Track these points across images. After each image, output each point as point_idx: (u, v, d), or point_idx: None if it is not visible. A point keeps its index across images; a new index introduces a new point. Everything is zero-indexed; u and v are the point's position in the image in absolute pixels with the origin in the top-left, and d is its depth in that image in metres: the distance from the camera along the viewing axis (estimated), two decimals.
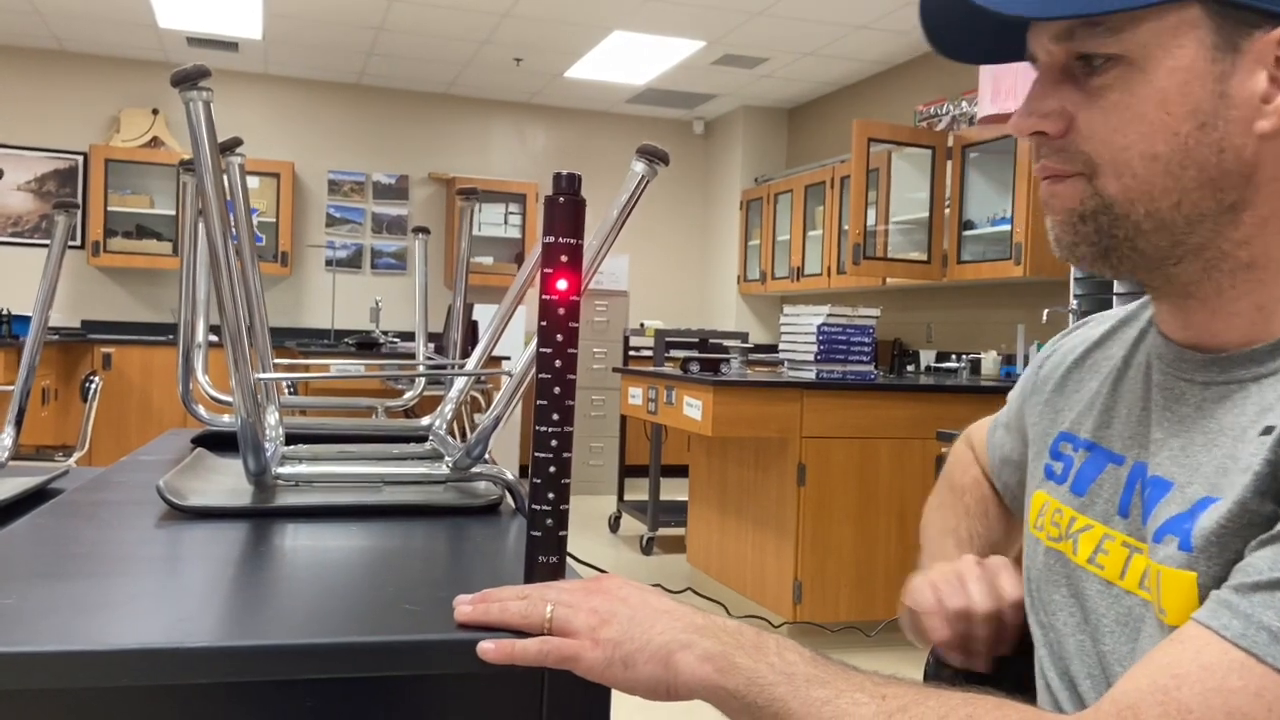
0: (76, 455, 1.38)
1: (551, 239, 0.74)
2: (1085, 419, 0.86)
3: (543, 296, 0.74)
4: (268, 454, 1.02)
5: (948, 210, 5.37)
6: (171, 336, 6.45)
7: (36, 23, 6.32)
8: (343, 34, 6.35)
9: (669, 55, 6.50)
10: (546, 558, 0.74)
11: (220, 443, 1.39)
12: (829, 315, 3.96)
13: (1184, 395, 0.75)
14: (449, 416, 1.31)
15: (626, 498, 5.75)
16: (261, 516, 0.99)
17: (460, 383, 1.32)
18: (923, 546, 1.07)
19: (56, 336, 6.21)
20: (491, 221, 7.57)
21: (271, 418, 1.17)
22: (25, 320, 5.79)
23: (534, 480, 0.74)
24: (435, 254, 7.53)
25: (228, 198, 0.93)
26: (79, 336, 6.48)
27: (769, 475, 3.86)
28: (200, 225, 1.30)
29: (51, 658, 0.59)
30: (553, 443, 0.74)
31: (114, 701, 0.62)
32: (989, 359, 5.20)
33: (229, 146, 1.29)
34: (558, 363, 0.74)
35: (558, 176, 0.74)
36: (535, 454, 0.74)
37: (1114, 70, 0.69)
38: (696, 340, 5.40)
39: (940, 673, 0.94)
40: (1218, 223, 0.70)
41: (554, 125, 8.04)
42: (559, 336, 0.74)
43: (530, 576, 0.75)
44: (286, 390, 1.73)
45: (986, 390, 4.07)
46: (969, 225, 5.31)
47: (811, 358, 3.97)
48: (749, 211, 7.64)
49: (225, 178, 1.12)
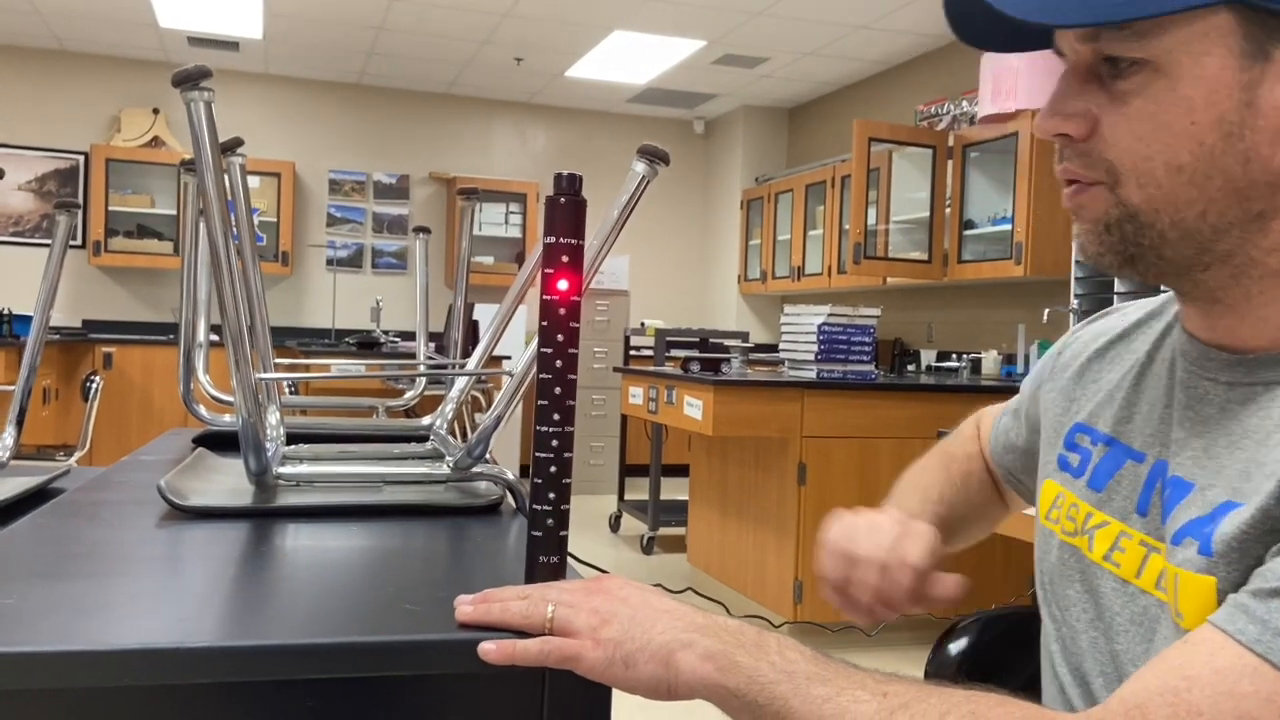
0: (77, 455, 1.38)
1: (552, 239, 0.74)
2: (1104, 412, 0.85)
3: (544, 296, 0.74)
4: (269, 454, 1.02)
5: (948, 210, 5.37)
6: (172, 336, 6.45)
7: (37, 23, 6.32)
8: (343, 34, 6.35)
9: (669, 55, 6.51)
10: (547, 557, 0.74)
11: (221, 442, 1.39)
12: (830, 315, 3.96)
13: (1207, 395, 0.74)
14: (450, 416, 1.31)
15: (627, 497, 5.75)
16: (262, 516, 0.99)
17: (461, 382, 1.32)
18: (890, 495, 1.06)
19: (57, 336, 6.21)
20: (492, 221, 7.58)
21: (272, 417, 1.17)
22: (26, 320, 5.79)
23: (535, 480, 0.74)
24: (436, 254, 7.53)
25: (229, 197, 0.93)
26: (80, 336, 6.49)
27: (769, 475, 3.86)
28: (201, 225, 1.30)
29: (52, 657, 0.59)
30: (553, 442, 0.74)
31: (115, 701, 0.62)
32: (989, 358, 5.20)
33: (230, 146, 1.29)
34: (558, 362, 0.74)
35: (558, 177, 0.74)
36: (536, 454, 0.74)
37: (1139, 76, 0.68)
38: (697, 340, 5.40)
39: (942, 672, 0.94)
40: (1245, 230, 0.69)
41: (554, 125, 8.04)
42: (560, 336, 0.74)
43: (531, 576, 0.75)
44: (287, 390, 1.73)
45: (987, 390, 4.07)
46: (970, 225, 5.31)
47: (812, 357, 3.97)
48: (749, 211, 7.64)
49: (226, 177, 1.12)
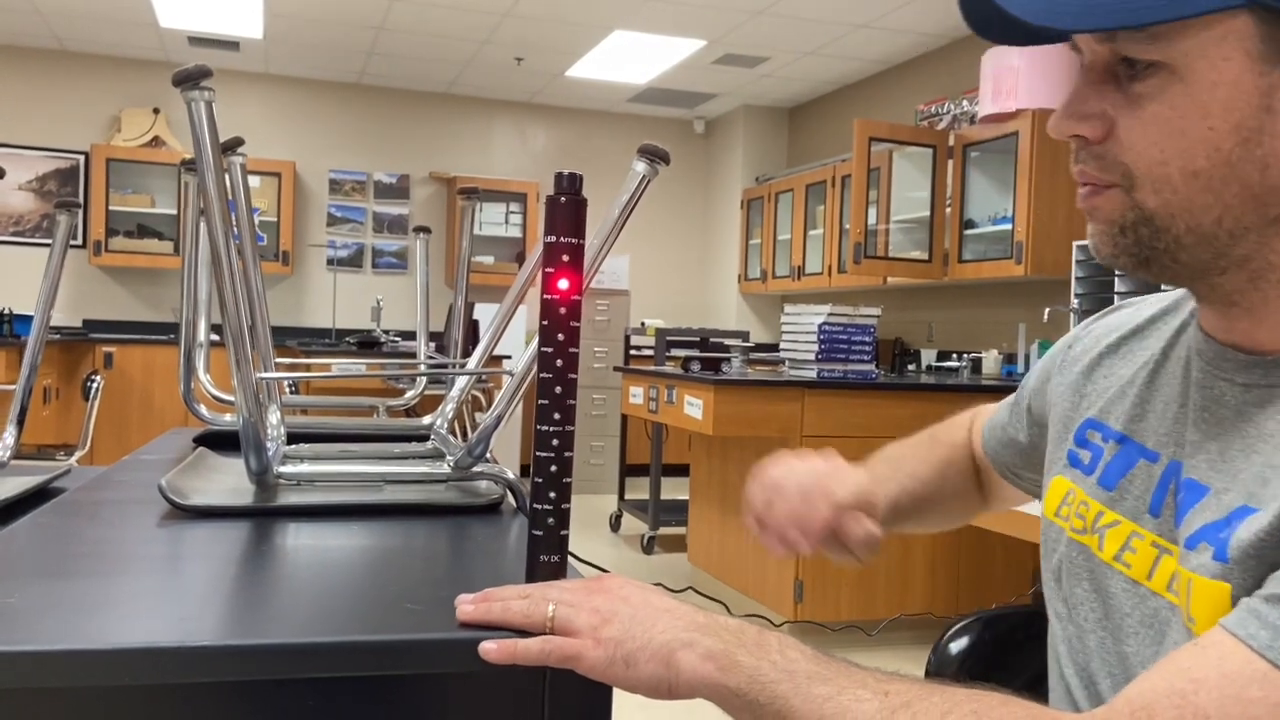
0: (78, 454, 1.38)
1: (553, 238, 0.74)
2: (1115, 408, 0.84)
3: (544, 295, 0.74)
4: (269, 453, 1.02)
5: (949, 209, 5.37)
6: (173, 336, 6.45)
7: (37, 22, 6.32)
8: (344, 33, 6.35)
9: (670, 55, 6.50)
10: (548, 557, 0.74)
11: (222, 442, 1.39)
12: (830, 314, 3.96)
13: (1223, 396, 0.73)
14: (450, 416, 1.31)
15: (627, 497, 5.75)
16: (263, 515, 0.99)
17: (461, 382, 1.32)
18: (865, 462, 1.09)
19: (58, 336, 6.21)
20: (492, 221, 7.58)
21: (273, 417, 1.17)
22: (27, 320, 5.79)
23: (535, 479, 0.74)
24: (436, 253, 7.53)
25: (229, 197, 0.93)
26: (80, 336, 6.49)
27: None
28: (202, 224, 1.30)
29: (53, 656, 0.59)
30: (554, 441, 0.74)
31: (116, 700, 0.62)
32: (990, 358, 5.20)
33: (230, 146, 1.29)
34: (559, 361, 0.74)
35: (559, 176, 0.74)
36: (537, 453, 0.74)
37: (1155, 78, 0.66)
38: (697, 339, 5.39)
39: (943, 671, 0.94)
40: (1263, 235, 0.68)
41: (555, 125, 8.04)
42: (560, 335, 0.74)
43: (532, 575, 0.75)
44: (288, 389, 1.73)
45: (988, 389, 4.06)
46: (970, 224, 5.31)
47: (812, 357, 3.96)
48: (750, 210, 7.64)
49: (227, 177, 1.12)
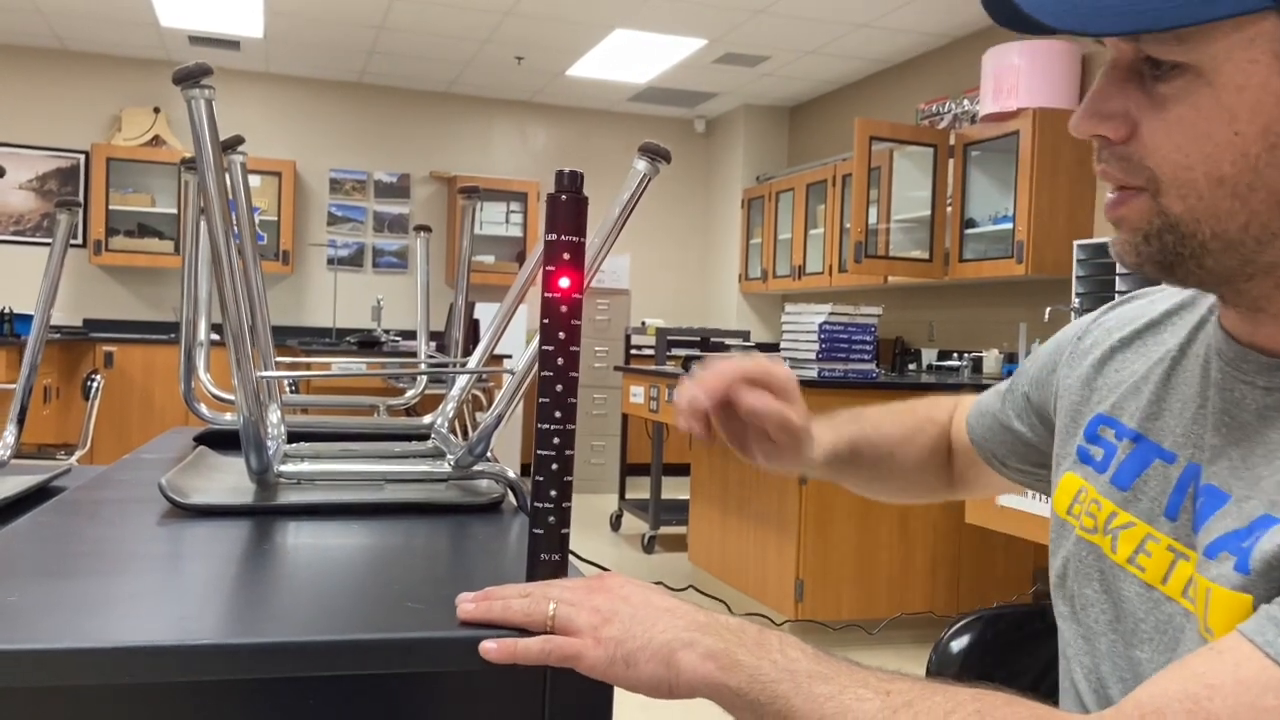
0: (78, 453, 1.38)
1: (554, 236, 0.74)
2: (1129, 404, 0.83)
3: (545, 294, 0.74)
4: (270, 452, 1.02)
5: (949, 208, 5.37)
6: (173, 335, 6.45)
7: (38, 22, 6.32)
8: (344, 33, 6.35)
9: (670, 54, 6.50)
10: (549, 555, 0.74)
11: (222, 441, 1.39)
12: (831, 314, 3.96)
13: (1244, 399, 0.72)
14: (451, 415, 1.31)
15: (628, 496, 5.75)
16: (264, 514, 0.99)
17: (462, 381, 1.32)
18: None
19: (58, 335, 6.21)
20: (493, 220, 7.58)
21: (274, 416, 1.17)
22: (27, 319, 5.79)
23: (536, 478, 0.74)
24: (437, 252, 7.53)
25: (229, 196, 0.93)
26: (81, 335, 6.49)
27: (770, 474, 3.85)
28: (202, 224, 1.30)
29: (54, 655, 0.59)
30: (555, 440, 0.74)
31: (117, 699, 0.62)
32: (991, 357, 5.19)
33: (231, 145, 1.29)
34: (560, 360, 0.74)
35: (560, 174, 0.74)
36: (537, 451, 0.74)
37: (1180, 80, 0.65)
38: (698, 339, 5.40)
39: (944, 670, 0.93)
40: None
41: (555, 124, 8.04)
42: (561, 334, 0.74)
43: (532, 574, 0.75)
44: (288, 388, 1.73)
45: (988, 388, 4.05)
46: (971, 223, 5.31)
47: (813, 356, 3.96)
48: (750, 210, 7.64)
49: (227, 176, 1.12)
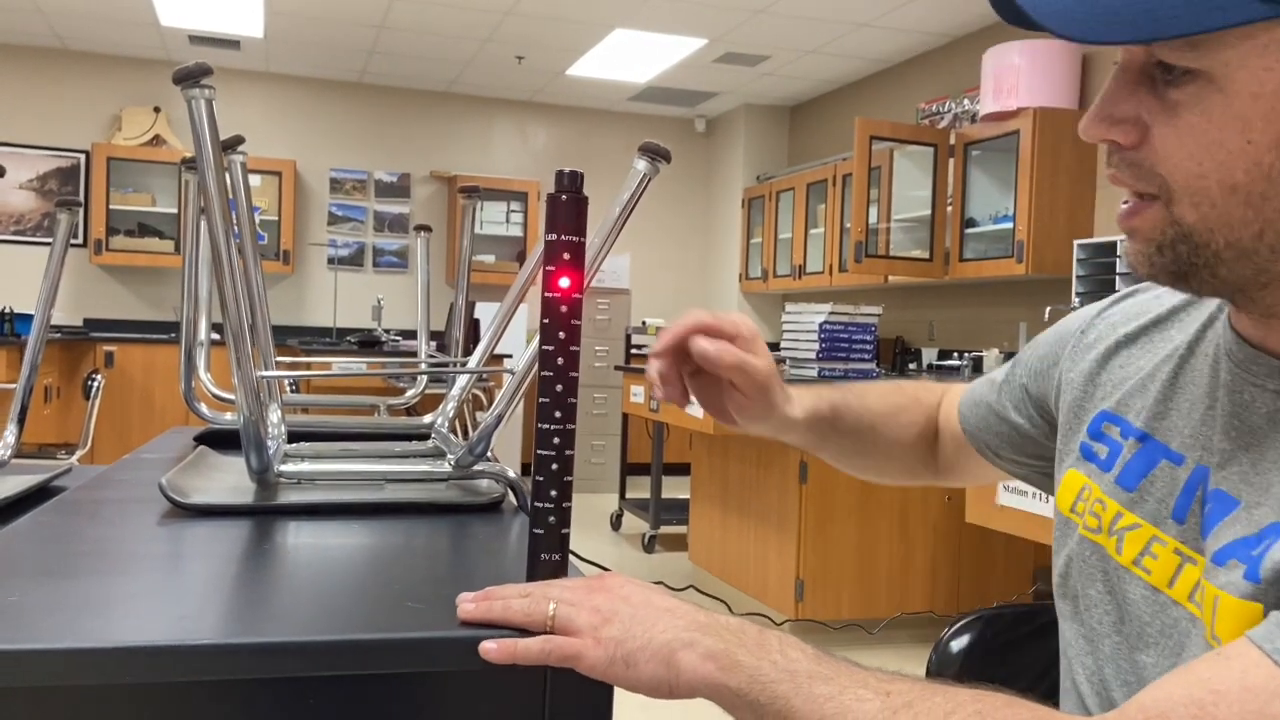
0: (79, 453, 1.38)
1: (554, 236, 0.74)
2: (1135, 402, 0.82)
3: (545, 293, 0.74)
4: (270, 452, 1.02)
5: (950, 208, 5.37)
6: (173, 334, 6.45)
7: (38, 21, 6.32)
8: (344, 32, 6.35)
9: (670, 53, 6.50)
10: (549, 555, 0.74)
11: (222, 440, 1.39)
12: (831, 313, 3.95)
13: (1253, 402, 0.71)
14: (451, 414, 1.31)
15: (628, 496, 5.75)
16: (264, 514, 0.99)
17: (462, 381, 1.32)
18: None
19: (59, 335, 6.21)
20: (493, 220, 7.58)
21: (274, 415, 1.17)
22: (28, 319, 5.79)
23: (536, 477, 0.74)
24: (437, 252, 7.53)
25: (230, 196, 0.93)
26: (81, 335, 6.49)
27: (771, 473, 3.85)
28: (202, 223, 1.30)
29: (54, 655, 0.59)
30: (555, 440, 0.74)
31: (117, 699, 0.62)
32: (991, 357, 5.19)
33: (231, 144, 1.29)
34: (560, 360, 0.74)
35: (560, 174, 0.74)
36: (538, 451, 0.74)
37: (1192, 86, 0.63)
38: None
39: (944, 670, 0.93)
40: None
41: (556, 123, 8.03)
42: (561, 333, 0.74)
43: (533, 574, 0.75)
44: (289, 388, 1.73)
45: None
46: (971, 223, 5.31)
47: (813, 356, 3.96)
48: (751, 209, 7.64)
49: (227, 176, 1.12)
